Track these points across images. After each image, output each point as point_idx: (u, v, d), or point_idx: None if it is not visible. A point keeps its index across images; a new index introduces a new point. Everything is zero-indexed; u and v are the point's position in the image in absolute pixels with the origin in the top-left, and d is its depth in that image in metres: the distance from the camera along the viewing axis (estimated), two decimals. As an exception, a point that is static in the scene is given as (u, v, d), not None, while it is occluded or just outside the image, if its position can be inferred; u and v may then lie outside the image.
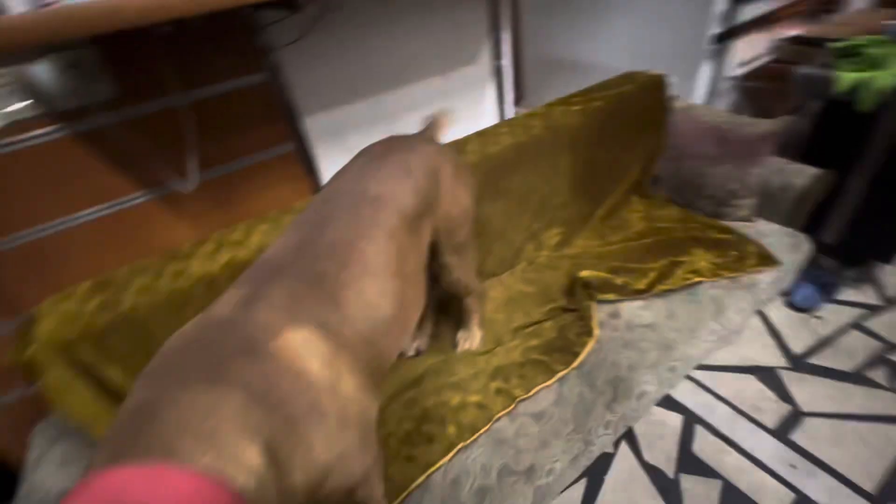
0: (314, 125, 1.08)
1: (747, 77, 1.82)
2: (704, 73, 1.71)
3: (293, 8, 0.83)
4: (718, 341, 1.11)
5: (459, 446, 0.90)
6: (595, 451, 0.95)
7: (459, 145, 1.17)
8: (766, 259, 1.19)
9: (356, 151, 0.82)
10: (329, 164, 1.17)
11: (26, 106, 0.73)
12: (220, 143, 0.91)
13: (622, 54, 1.84)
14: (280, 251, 0.62)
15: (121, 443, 0.37)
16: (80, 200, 0.84)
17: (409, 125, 1.06)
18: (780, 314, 1.55)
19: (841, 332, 1.45)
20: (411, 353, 1.11)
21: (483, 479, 0.86)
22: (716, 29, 1.60)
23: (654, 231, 1.36)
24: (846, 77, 1.32)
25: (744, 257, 1.20)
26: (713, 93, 1.79)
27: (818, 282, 1.55)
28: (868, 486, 1.07)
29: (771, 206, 1.32)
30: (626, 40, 1.80)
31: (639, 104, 1.37)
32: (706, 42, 1.62)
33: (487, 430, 0.93)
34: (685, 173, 1.42)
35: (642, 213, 1.45)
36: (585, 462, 0.95)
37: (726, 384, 1.35)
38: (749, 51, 1.77)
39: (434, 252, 0.88)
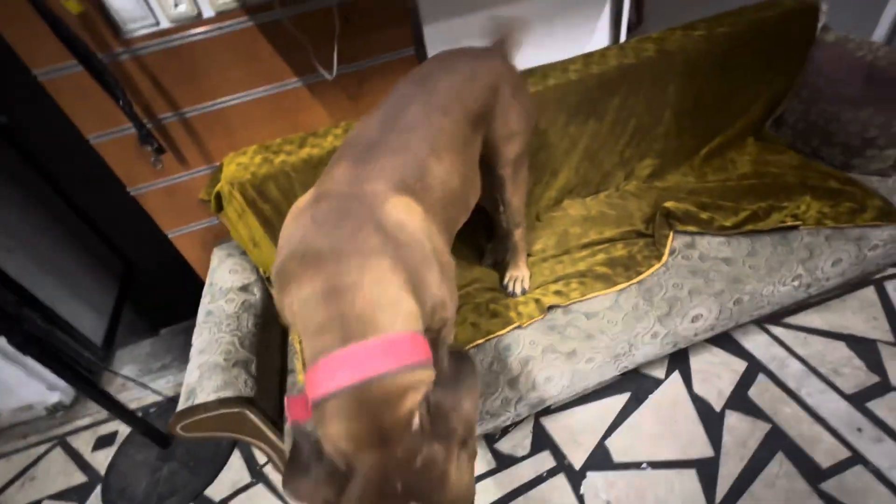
0: (431, 33, 1.21)
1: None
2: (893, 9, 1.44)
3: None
4: (801, 289, 1.08)
5: (516, 325, 1.06)
6: (637, 357, 1.04)
7: (564, 66, 1.21)
8: (890, 214, 1.08)
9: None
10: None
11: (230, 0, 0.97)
12: (356, 41, 1.10)
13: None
14: (367, 129, 0.75)
15: (339, 328, 0.51)
16: (255, 80, 1.10)
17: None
18: (903, 291, 1.38)
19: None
20: (489, 262, 1.25)
21: (529, 351, 1.01)
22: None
23: (760, 174, 1.28)
24: None
25: (861, 210, 1.10)
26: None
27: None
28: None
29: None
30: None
31: (777, 33, 1.25)
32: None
33: (542, 318, 1.07)
34: (815, 116, 1.28)
35: (753, 157, 1.36)
36: (626, 364, 1.05)
37: (808, 345, 1.29)
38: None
39: (490, 165, 0.95)
